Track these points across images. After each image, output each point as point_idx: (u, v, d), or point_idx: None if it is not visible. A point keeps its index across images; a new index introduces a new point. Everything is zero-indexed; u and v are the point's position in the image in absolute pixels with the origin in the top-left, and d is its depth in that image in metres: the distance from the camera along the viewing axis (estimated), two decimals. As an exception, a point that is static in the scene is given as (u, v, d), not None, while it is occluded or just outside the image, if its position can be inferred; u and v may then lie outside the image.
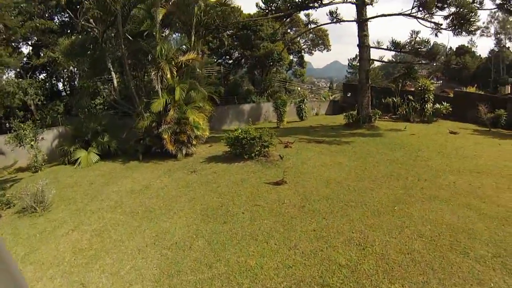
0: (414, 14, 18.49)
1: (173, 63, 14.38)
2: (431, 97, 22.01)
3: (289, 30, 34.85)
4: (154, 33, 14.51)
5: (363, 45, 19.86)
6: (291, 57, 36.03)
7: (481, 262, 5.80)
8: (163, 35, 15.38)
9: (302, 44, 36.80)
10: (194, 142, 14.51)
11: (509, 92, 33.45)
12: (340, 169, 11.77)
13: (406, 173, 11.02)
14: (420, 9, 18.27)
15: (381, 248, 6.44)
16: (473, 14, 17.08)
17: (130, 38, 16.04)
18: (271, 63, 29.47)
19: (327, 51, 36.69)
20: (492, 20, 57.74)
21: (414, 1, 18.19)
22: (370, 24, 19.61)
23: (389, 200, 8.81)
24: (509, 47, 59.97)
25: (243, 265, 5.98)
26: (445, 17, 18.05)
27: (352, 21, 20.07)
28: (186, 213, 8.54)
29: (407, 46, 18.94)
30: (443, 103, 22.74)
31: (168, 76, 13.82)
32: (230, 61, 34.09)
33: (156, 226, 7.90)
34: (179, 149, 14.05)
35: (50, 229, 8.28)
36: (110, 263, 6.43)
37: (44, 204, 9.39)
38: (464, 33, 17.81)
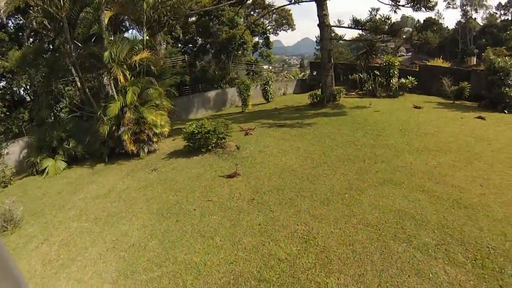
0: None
1: (125, 66, 13.88)
2: (396, 72, 21.80)
3: (252, 12, 33.94)
4: (103, 37, 13.86)
5: (323, 24, 19.25)
6: (256, 39, 35.29)
7: (423, 250, 5.62)
8: (111, 38, 14.46)
9: (266, 25, 36.01)
10: (155, 140, 14.39)
11: (475, 63, 33.67)
12: (298, 155, 11.52)
13: (364, 155, 10.82)
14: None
15: (324, 240, 6.28)
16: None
17: (79, 44, 15.26)
18: (236, 48, 28.60)
19: (292, 30, 36.02)
20: None
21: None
22: (334, 1, 19.01)
23: (341, 187, 8.59)
24: (475, 18, 61.47)
25: (189, 263, 6.16)
26: (402, -7, 17.56)
27: (311, 0, 19.48)
28: (144, 214, 8.61)
29: (367, 24, 18.41)
30: (409, 77, 22.59)
31: (122, 80, 13.48)
32: (195, 49, 33.04)
33: (117, 230, 8.00)
34: (141, 148, 13.97)
35: (21, 245, 8.17)
36: (75, 270, 6.61)
37: (14, 221, 9.23)
38: (423, 9, 17.38)
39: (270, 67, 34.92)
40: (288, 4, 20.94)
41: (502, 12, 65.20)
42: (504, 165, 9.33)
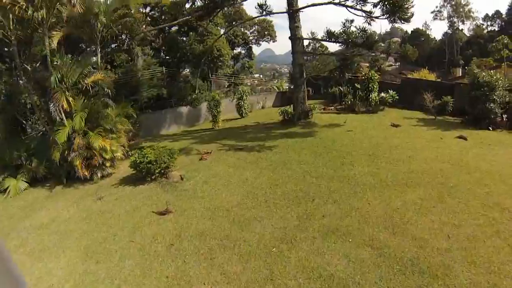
0: (343, 2, 16.58)
1: (73, 90, 13.58)
2: (375, 86, 20.44)
3: (234, 23, 32.73)
4: (52, 61, 13.31)
5: (295, 37, 18.03)
6: (239, 49, 34.35)
7: None
8: (57, 62, 13.59)
9: (249, 36, 34.98)
10: (108, 165, 13.84)
11: (460, 74, 32.49)
12: (242, 189, 10.36)
13: (316, 192, 9.47)
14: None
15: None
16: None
17: (28, 68, 14.59)
18: (211, 60, 27.14)
19: (273, 41, 35.19)
20: (445, 4, 60.45)
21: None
22: (321, 13, 17.78)
23: (272, 236, 7.34)
24: (462, 29, 61.89)
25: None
26: (375, 5, 16.12)
27: (283, 12, 18.37)
28: (72, 251, 8.22)
29: (342, 36, 17.08)
30: (390, 91, 21.23)
31: (66, 106, 12.88)
32: (175, 59, 31.72)
33: (44, 267, 7.64)
34: (94, 172, 13.54)
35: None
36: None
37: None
38: (399, 20, 16.04)
39: (261, 76, 33.34)
40: (259, 16, 19.61)
41: (489, 23, 64.42)
42: (481, 202, 8.01)
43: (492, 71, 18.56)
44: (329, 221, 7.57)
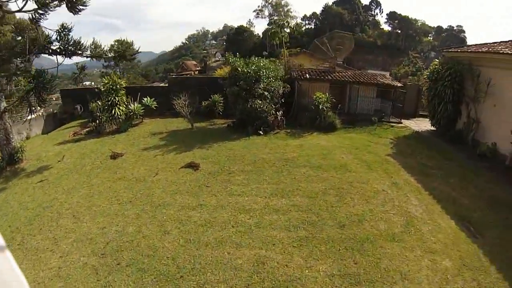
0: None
1: None
2: (118, 98, 15.61)
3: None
4: None
5: None
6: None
7: None
8: None
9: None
10: None
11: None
12: None
13: None
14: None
15: None
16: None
17: None
18: None
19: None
20: (266, 4, 73.43)
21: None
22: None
23: None
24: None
25: None
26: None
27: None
28: None
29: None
30: (146, 98, 17.16)
31: None
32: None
33: None
34: None
35: None
36: None
37: None
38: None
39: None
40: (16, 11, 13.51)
41: (307, 22, 79.14)
42: None
43: (256, 58, 14.84)
44: None
